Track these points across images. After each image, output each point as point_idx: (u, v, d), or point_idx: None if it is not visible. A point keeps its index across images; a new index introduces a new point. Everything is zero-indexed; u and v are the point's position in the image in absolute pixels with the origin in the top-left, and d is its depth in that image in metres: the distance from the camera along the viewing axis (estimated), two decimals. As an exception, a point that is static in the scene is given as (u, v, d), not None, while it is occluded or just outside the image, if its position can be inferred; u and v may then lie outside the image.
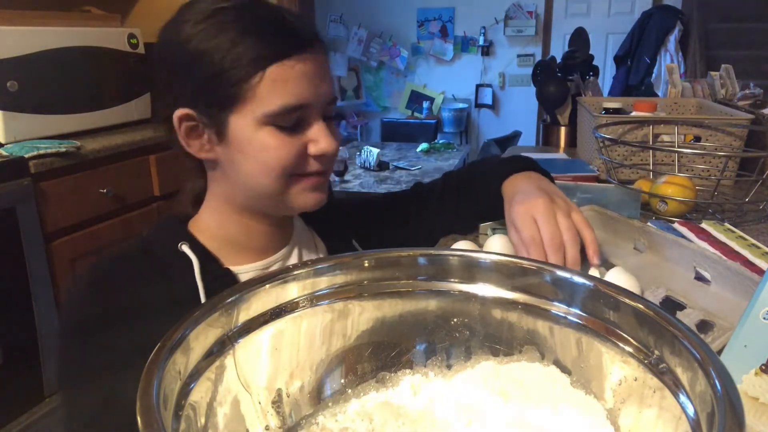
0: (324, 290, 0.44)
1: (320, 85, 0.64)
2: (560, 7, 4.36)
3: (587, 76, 1.92)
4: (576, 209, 0.68)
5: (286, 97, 0.61)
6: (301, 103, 0.62)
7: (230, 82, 0.61)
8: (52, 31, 1.82)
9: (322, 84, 0.64)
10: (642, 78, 3.27)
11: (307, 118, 0.64)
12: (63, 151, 1.68)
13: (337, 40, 4.89)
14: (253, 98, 0.61)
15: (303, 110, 0.63)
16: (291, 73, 0.61)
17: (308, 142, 0.64)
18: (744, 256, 0.81)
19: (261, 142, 0.63)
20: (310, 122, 0.64)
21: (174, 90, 0.64)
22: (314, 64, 0.63)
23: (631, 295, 0.40)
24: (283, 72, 0.61)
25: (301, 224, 0.80)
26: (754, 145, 1.30)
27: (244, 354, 0.39)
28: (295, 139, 0.64)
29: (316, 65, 0.63)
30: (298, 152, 0.64)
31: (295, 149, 0.64)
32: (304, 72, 0.62)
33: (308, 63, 0.62)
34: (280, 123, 0.62)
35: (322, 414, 0.44)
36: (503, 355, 0.46)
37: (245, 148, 0.63)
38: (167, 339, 0.32)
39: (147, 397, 0.27)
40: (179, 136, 0.65)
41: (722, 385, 0.29)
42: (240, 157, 0.64)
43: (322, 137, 0.64)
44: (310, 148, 0.65)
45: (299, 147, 0.64)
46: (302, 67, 0.62)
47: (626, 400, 0.40)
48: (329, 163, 0.68)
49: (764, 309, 0.47)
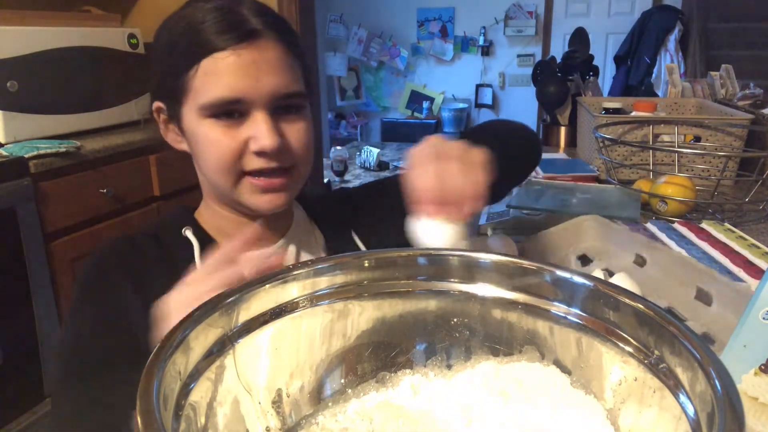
0: (324, 290, 0.44)
1: (261, 78, 0.61)
2: (560, 7, 4.37)
3: (587, 76, 1.92)
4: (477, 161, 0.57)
5: (219, 89, 0.61)
6: (236, 96, 0.61)
7: (175, 75, 0.63)
8: (52, 31, 1.82)
9: (266, 77, 0.62)
10: (642, 78, 3.27)
11: (248, 112, 0.62)
12: (63, 151, 1.68)
13: (337, 40, 4.89)
14: (192, 91, 0.63)
15: (241, 104, 0.62)
16: (223, 66, 0.61)
17: (249, 139, 0.62)
18: (744, 256, 0.81)
19: (203, 135, 0.63)
20: (251, 117, 0.62)
21: (151, 84, 0.69)
22: (256, 56, 0.61)
23: (632, 295, 0.40)
24: (215, 64, 0.61)
25: (302, 215, 0.78)
26: (754, 145, 1.30)
27: (244, 354, 0.39)
28: (235, 133, 0.62)
29: (258, 58, 0.61)
30: (238, 147, 0.62)
31: (235, 144, 0.62)
32: (240, 65, 0.61)
33: (246, 56, 0.61)
34: (218, 116, 0.62)
35: (322, 414, 0.44)
36: (503, 355, 0.46)
37: (194, 141, 0.65)
38: (167, 339, 0.32)
39: (147, 397, 0.27)
40: (160, 128, 0.70)
41: (722, 385, 0.29)
42: (195, 150, 0.66)
43: (260, 132, 0.62)
44: (250, 144, 0.62)
45: (239, 142, 0.62)
46: (236, 59, 0.61)
47: (626, 400, 0.40)
48: (282, 161, 0.64)
49: (764, 309, 0.47)
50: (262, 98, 0.62)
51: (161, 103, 0.68)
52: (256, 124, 0.62)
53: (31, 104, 1.75)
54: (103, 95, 2.01)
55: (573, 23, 3.07)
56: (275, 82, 0.62)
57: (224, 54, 0.61)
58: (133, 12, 2.47)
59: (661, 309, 0.38)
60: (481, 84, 4.74)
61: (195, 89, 0.62)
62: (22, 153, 1.59)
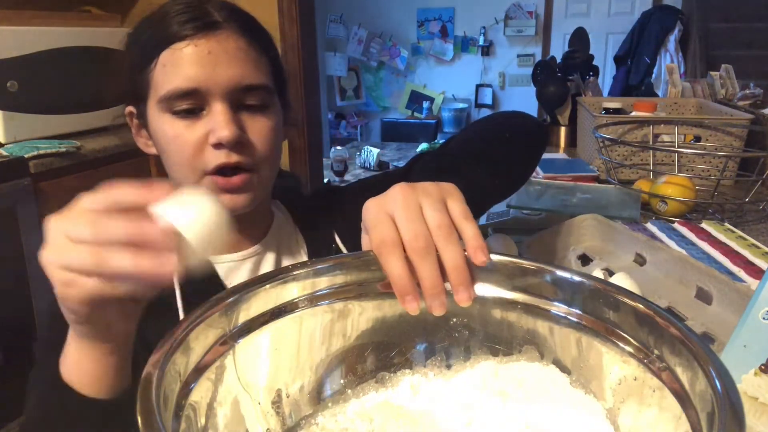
0: (324, 290, 0.44)
1: (218, 68, 0.60)
2: (560, 7, 4.37)
3: (587, 76, 1.92)
4: (454, 193, 0.46)
5: (176, 80, 0.60)
6: (192, 87, 0.60)
7: (140, 71, 0.63)
8: (52, 31, 1.81)
9: (223, 67, 0.60)
10: (642, 78, 3.27)
11: (206, 105, 0.61)
12: (63, 151, 1.68)
13: (337, 40, 4.89)
14: (153, 85, 0.62)
15: (197, 95, 0.60)
16: (180, 56, 0.60)
17: (209, 132, 0.61)
18: (744, 256, 0.81)
19: (163, 131, 0.62)
20: (209, 110, 0.61)
21: (123, 87, 0.68)
22: (213, 46, 0.60)
23: (632, 295, 0.40)
24: (172, 56, 0.60)
25: (285, 218, 0.76)
26: (754, 145, 1.30)
27: (244, 354, 0.39)
28: (195, 127, 0.61)
29: (215, 48, 0.60)
30: (198, 142, 0.61)
31: (194, 138, 0.61)
32: (198, 55, 0.60)
33: (203, 45, 0.60)
34: (176, 109, 0.61)
35: (322, 414, 0.44)
36: (503, 354, 0.46)
37: (157, 140, 0.65)
38: (167, 339, 0.32)
39: (147, 398, 0.27)
40: (133, 132, 0.70)
41: (722, 384, 0.29)
42: (159, 150, 0.66)
43: (217, 123, 0.60)
44: (209, 137, 0.61)
45: (199, 137, 0.61)
46: (193, 49, 0.60)
47: (626, 400, 0.40)
48: (242, 156, 0.62)
49: (764, 309, 0.47)
50: (219, 89, 0.60)
51: (132, 107, 0.68)
52: (214, 116, 0.60)
53: (31, 104, 1.75)
54: (103, 95, 2.01)
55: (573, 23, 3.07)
56: (232, 73, 0.61)
57: (182, 44, 0.60)
58: (133, 12, 2.47)
59: (662, 309, 0.38)
60: (481, 84, 4.74)
61: (155, 83, 0.62)
62: (22, 153, 1.59)
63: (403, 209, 0.43)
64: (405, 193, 0.45)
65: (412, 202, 0.44)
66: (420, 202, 0.44)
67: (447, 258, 0.41)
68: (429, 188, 0.45)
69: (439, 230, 0.42)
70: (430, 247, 0.42)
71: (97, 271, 0.37)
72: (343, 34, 4.87)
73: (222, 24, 0.61)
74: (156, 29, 0.62)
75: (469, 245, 0.43)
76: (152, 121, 0.64)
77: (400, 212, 0.43)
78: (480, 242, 0.43)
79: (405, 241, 0.42)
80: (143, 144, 0.69)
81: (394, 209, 0.43)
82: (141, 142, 0.69)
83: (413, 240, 0.42)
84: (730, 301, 0.63)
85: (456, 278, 0.41)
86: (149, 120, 0.65)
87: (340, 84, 4.97)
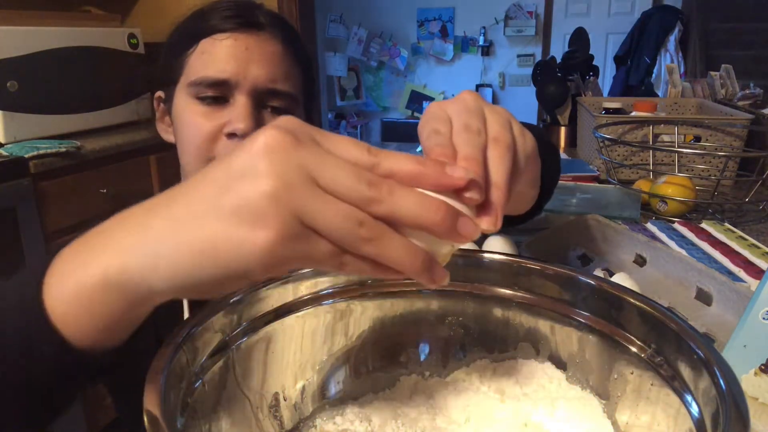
0: (326, 290, 0.44)
1: (251, 66, 0.62)
2: (560, 7, 4.36)
3: (587, 76, 1.92)
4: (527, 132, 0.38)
5: (209, 68, 0.62)
6: (222, 77, 0.62)
7: (175, 56, 0.65)
8: (52, 31, 1.81)
9: (255, 65, 0.62)
10: (642, 78, 3.27)
11: (230, 97, 0.63)
12: (63, 151, 1.67)
13: (337, 40, 4.89)
14: (186, 69, 0.64)
15: (225, 86, 0.62)
16: (219, 47, 0.62)
17: (226, 123, 0.62)
18: (744, 256, 0.81)
19: (184, 114, 0.64)
20: (233, 102, 0.63)
21: (156, 74, 0.71)
22: (251, 43, 0.63)
23: (633, 293, 0.40)
24: (212, 45, 0.63)
25: None
26: (754, 145, 1.30)
27: (247, 354, 0.39)
28: (214, 116, 0.63)
29: (253, 45, 0.63)
30: (213, 130, 0.62)
31: (211, 127, 0.62)
32: (234, 49, 0.62)
33: (242, 40, 0.63)
34: (202, 95, 0.63)
35: (322, 415, 0.44)
36: (499, 352, 0.47)
37: (177, 122, 0.66)
38: (171, 339, 0.32)
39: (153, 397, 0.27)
40: (156, 118, 0.72)
41: (726, 383, 0.29)
42: (177, 135, 0.67)
43: (237, 115, 0.62)
44: (225, 127, 0.62)
45: (216, 126, 0.62)
46: (232, 43, 0.62)
47: (623, 395, 0.40)
48: None
49: (764, 309, 0.47)
50: (247, 84, 0.62)
51: (161, 92, 0.70)
52: (236, 107, 0.62)
53: (31, 104, 1.75)
54: (103, 95, 2.01)
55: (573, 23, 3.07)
56: (263, 73, 0.63)
57: (223, 36, 0.62)
58: (133, 12, 2.47)
59: (665, 308, 0.38)
60: (481, 84, 4.74)
61: (189, 67, 0.64)
62: (22, 153, 1.59)
63: (462, 109, 0.36)
64: (472, 97, 0.37)
65: (475, 103, 0.36)
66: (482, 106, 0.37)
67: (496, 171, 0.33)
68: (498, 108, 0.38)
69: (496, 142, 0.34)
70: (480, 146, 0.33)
71: (355, 242, 0.27)
72: (343, 34, 4.87)
73: (264, 26, 0.64)
74: (201, 19, 0.65)
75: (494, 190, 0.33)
76: (177, 103, 0.66)
77: (459, 111, 0.35)
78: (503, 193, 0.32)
79: (454, 129, 0.34)
80: (164, 130, 0.71)
81: (451, 108, 0.36)
82: (162, 128, 0.72)
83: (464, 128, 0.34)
84: (730, 301, 0.63)
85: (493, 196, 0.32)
86: (174, 102, 0.67)
87: (340, 84, 4.96)
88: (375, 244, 0.27)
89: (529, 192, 0.44)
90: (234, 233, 0.26)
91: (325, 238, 0.27)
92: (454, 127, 0.34)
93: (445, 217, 0.28)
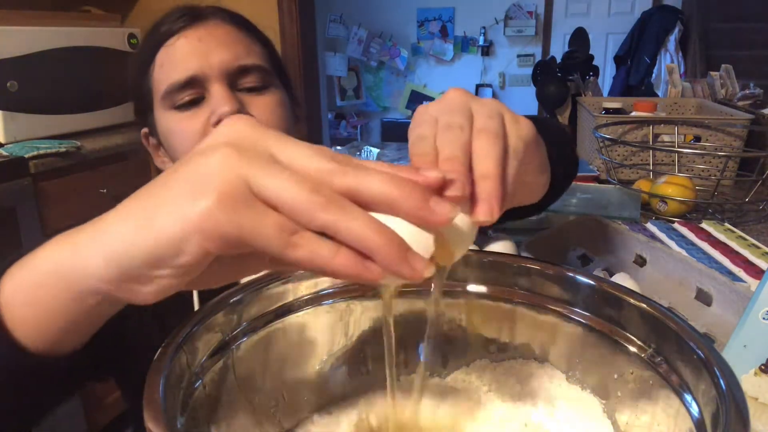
0: (326, 290, 0.44)
1: (212, 53, 0.62)
2: (560, 7, 4.36)
3: (587, 76, 1.92)
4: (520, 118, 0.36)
5: (173, 74, 0.62)
6: (189, 75, 0.61)
7: (142, 80, 0.65)
8: (52, 31, 1.81)
9: (214, 51, 0.62)
10: (642, 78, 3.27)
11: (205, 92, 0.62)
12: (63, 151, 1.68)
13: (337, 40, 4.89)
14: (155, 87, 0.64)
15: (196, 83, 0.61)
16: (174, 50, 0.62)
17: (210, 116, 0.61)
18: (744, 256, 0.82)
19: (168, 128, 0.63)
20: (208, 96, 0.62)
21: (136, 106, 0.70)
22: (202, 33, 0.62)
23: (633, 293, 0.40)
24: (168, 53, 0.63)
25: None
26: (754, 145, 1.30)
27: (247, 354, 0.39)
28: (197, 115, 0.62)
29: (204, 34, 0.62)
30: (201, 129, 0.61)
31: (198, 126, 0.61)
32: (190, 45, 0.62)
33: (193, 35, 0.62)
34: (178, 103, 0.62)
35: (321, 415, 0.44)
36: (499, 352, 0.47)
37: (167, 141, 0.65)
38: (172, 339, 0.32)
39: (153, 397, 0.27)
40: (152, 156, 0.71)
41: (726, 383, 0.29)
42: (169, 152, 0.66)
43: (217, 102, 0.61)
44: (211, 119, 0.61)
45: (201, 123, 0.61)
46: (184, 41, 0.62)
47: (623, 395, 0.40)
48: None
49: (764, 309, 0.47)
50: (215, 72, 0.61)
51: (146, 128, 0.69)
52: (213, 98, 0.61)
53: (31, 104, 1.75)
54: (103, 95, 2.01)
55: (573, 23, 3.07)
56: (225, 56, 0.62)
57: (173, 40, 0.62)
58: (133, 12, 2.47)
59: (665, 308, 0.38)
60: (481, 84, 4.74)
61: (156, 84, 0.64)
62: (22, 153, 1.59)
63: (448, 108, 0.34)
64: (457, 95, 0.36)
65: (462, 101, 0.35)
66: (471, 106, 0.34)
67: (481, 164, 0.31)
68: (486, 101, 0.36)
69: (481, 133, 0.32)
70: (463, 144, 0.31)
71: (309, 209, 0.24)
72: (343, 34, 4.87)
73: (209, 15, 0.64)
74: (151, 36, 0.65)
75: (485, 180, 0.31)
76: (159, 123, 0.65)
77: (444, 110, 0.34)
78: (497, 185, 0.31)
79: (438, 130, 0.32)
80: (161, 162, 0.70)
81: (437, 109, 0.34)
82: (159, 161, 0.71)
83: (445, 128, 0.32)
84: (730, 302, 0.63)
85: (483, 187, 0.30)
86: (157, 125, 0.65)
87: (340, 84, 4.96)
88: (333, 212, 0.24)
89: (539, 178, 0.42)
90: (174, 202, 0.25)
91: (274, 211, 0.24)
92: (438, 128, 0.32)
93: (414, 192, 0.25)
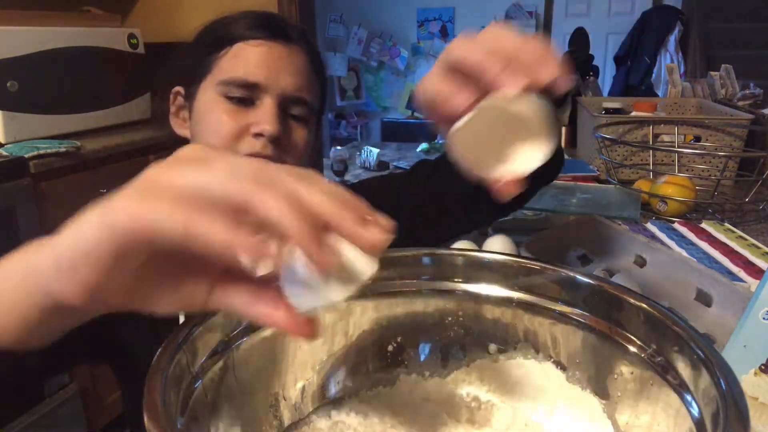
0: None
1: (280, 74, 0.66)
2: (560, 7, 4.36)
3: (587, 76, 1.92)
4: None
5: (240, 70, 0.65)
6: (252, 81, 0.65)
7: (203, 55, 0.68)
8: (52, 31, 1.81)
9: (285, 75, 0.66)
10: (642, 78, 3.27)
11: (258, 99, 0.66)
12: (63, 151, 1.67)
13: (337, 40, 4.89)
14: (216, 69, 0.67)
15: (254, 89, 0.65)
16: (252, 52, 0.66)
17: (252, 124, 0.65)
18: (744, 256, 0.82)
19: (211, 111, 0.66)
20: (260, 104, 0.66)
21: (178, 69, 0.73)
22: (284, 54, 0.66)
23: (633, 293, 0.40)
24: (246, 49, 0.66)
25: None
26: (754, 145, 1.30)
27: (247, 354, 0.39)
28: (240, 115, 0.65)
29: (286, 57, 0.67)
30: (239, 130, 0.65)
31: (237, 126, 0.65)
32: (267, 56, 0.66)
33: (276, 49, 0.66)
34: (230, 95, 0.65)
35: (322, 414, 0.44)
36: (499, 352, 0.47)
37: (200, 117, 0.68)
38: (172, 339, 0.32)
39: (153, 397, 0.27)
40: (170, 112, 0.74)
41: (726, 383, 0.29)
42: (197, 129, 0.69)
43: (265, 117, 0.64)
44: (252, 127, 0.65)
45: (241, 126, 0.65)
46: (266, 50, 0.66)
47: (623, 395, 0.40)
48: (274, 154, 0.64)
49: (764, 309, 0.47)
50: (277, 90, 0.66)
51: (180, 87, 0.72)
52: (264, 110, 0.65)
53: (31, 104, 1.75)
54: (103, 95, 2.01)
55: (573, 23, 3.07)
56: (293, 82, 0.66)
57: (257, 42, 0.66)
58: (133, 12, 2.47)
59: (665, 308, 0.38)
60: (481, 84, 4.74)
61: (220, 68, 0.67)
62: (22, 153, 1.59)
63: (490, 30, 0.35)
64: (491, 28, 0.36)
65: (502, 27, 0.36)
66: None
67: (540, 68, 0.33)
68: None
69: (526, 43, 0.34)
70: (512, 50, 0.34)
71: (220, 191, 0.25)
72: (343, 34, 4.86)
73: (294, 40, 0.68)
74: (234, 24, 0.68)
75: None
76: (202, 100, 0.68)
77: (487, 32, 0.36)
78: None
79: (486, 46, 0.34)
80: (178, 124, 0.74)
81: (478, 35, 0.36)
82: (177, 123, 0.74)
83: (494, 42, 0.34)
84: (729, 302, 0.63)
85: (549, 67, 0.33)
86: (197, 99, 0.69)
87: (340, 84, 4.96)
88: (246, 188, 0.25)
89: None
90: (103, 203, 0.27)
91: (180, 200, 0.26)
92: None
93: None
